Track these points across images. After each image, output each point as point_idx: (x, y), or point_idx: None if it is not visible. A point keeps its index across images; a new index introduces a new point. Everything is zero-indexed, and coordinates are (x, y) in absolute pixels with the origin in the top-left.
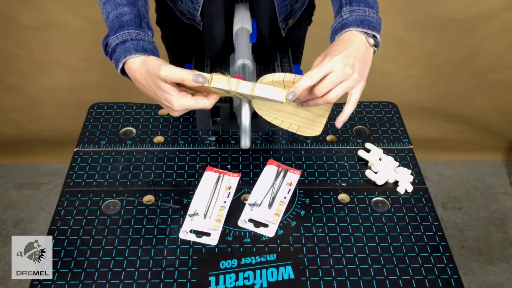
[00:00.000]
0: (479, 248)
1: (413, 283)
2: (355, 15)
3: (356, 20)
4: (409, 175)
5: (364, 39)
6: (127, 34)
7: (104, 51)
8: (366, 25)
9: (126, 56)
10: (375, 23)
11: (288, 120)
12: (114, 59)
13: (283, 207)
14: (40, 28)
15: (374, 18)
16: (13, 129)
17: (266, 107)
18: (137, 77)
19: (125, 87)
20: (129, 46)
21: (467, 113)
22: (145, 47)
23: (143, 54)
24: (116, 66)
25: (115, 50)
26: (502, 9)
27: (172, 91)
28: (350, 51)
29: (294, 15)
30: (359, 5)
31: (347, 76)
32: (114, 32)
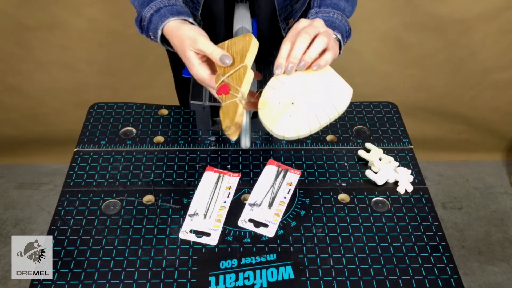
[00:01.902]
0: (479, 248)
1: (413, 283)
2: (319, 16)
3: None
4: (409, 175)
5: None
6: (159, 3)
7: (139, 29)
8: (328, 25)
9: (163, 21)
10: (338, 23)
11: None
12: (152, 30)
13: (283, 207)
14: (40, 28)
15: (338, 19)
16: (13, 129)
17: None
18: (174, 41)
19: (125, 87)
20: (164, 12)
21: (467, 113)
22: (179, 10)
23: (178, 16)
24: (155, 36)
25: (151, 21)
26: (502, 9)
27: (194, 61)
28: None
29: (294, 15)
30: (327, 8)
31: (321, 39)
32: (146, 4)
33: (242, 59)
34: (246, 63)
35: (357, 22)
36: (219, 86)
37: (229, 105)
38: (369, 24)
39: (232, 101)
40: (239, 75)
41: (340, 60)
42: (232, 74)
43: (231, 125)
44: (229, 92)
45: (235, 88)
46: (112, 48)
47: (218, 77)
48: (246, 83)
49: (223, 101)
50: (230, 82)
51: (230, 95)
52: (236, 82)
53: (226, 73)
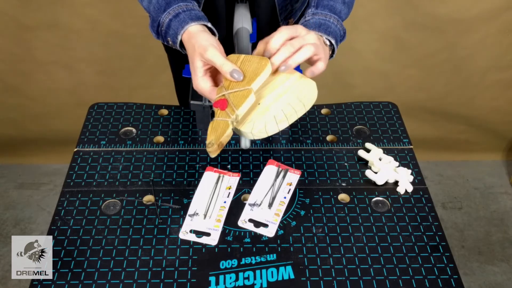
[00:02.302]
0: (479, 248)
1: (413, 283)
2: (316, 18)
3: (315, 23)
4: (409, 175)
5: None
6: (177, 8)
7: (155, 34)
8: (323, 29)
9: (183, 26)
10: (334, 28)
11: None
12: (171, 35)
13: (283, 207)
14: (40, 28)
15: (334, 23)
16: (13, 129)
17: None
18: (188, 47)
19: (125, 87)
20: (183, 17)
21: (467, 113)
22: (198, 15)
23: (198, 21)
24: (174, 41)
25: (169, 26)
26: (502, 9)
27: (199, 71)
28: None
29: (294, 14)
30: (324, 10)
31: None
32: (163, 10)
33: (249, 82)
34: (252, 87)
35: (357, 22)
36: (218, 99)
37: (220, 122)
38: (369, 24)
39: (224, 120)
40: (241, 97)
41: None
42: (235, 93)
43: (214, 143)
44: (225, 110)
45: (232, 109)
46: (112, 48)
47: (221, 89)
48: (244, 107)
49: (216, 115)
50: (230, 100)
51: (225, 112)
52: (236, 101)
53: (231, 88)
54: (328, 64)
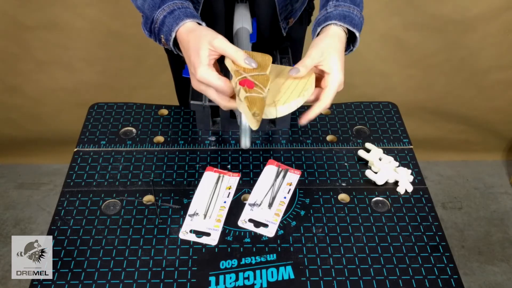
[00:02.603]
0: (479, 248)
1: (413, 283)
2: (339, 10)
3: (340, 15)
4: (409, 175)
5: (344, 37)
6: (172, 5)
7: (148, 32)
8: (348, 21)
9: (178, 23)
10: (357, 21)
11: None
12: (165, 32)
13: (283, 207)
14: (40, 28)
15: (357, 16)
16: (13, 129)
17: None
18: (189, 39)
19: (125, 87)
20: (178, 14)
21: (467, 113)
22: (193, 13)
23: (193, 19)
24: (168, 38)
25: (164, 22)
26: (502, 9)
27: (204, 60)
28: (340, 54)
29: (295, 14)
30: (346, 1)
31: (342, 83)
32: (158, 7)
33: (263, 69)
34: (268, 74)
35: None
36: (242, 79)
37: (256, 98)
38: (369, 24)
39: (259, 96)
40: (263, 80)
41: None
42: (255, 76)
43: (260, 113)
44: (254, 88)
45: (260, 87)
46: (112, 48)
47: (238, 73)
48: (268, 88)
49: (246, 92)
50: (255, 81)
51: (254, 90)
52: (261, 82)
53: (248, 72)
54: None
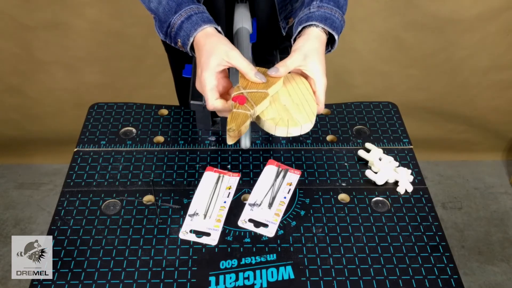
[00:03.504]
0: (479, 248)
1: (413, 283)
2: (321, 11)
3: (321, 16)
4: (409, 175)
5: (325, 39)
6: (189, 10)
7: (163, 35)
8: (329, 24)
9: (196, 29)
10: (338, 24)
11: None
12: (182, 36)
13: (283, 207)
14: (40, 28)
15: (338, 19)
16: (13, 129)
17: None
18: (206, 43)
19: (125, 87)
20: (196, 19)
21: (467, 113)
22: (209, 18)
23: (210, 24)
24: (185, 43)
25: (181, 27)
26: (502, 9)
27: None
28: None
29: (294, 14)
30: (329, 3)
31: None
32: (174, 12)
33: (266, 87)
34: (269, 92)
35: (357, 22)
36: (237, 95)
37: (240, 113)
38: (369, 24)
39: (243, 112)
40: (259, 97)
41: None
42: (253, 93)
43: (235, 129)
44: (244, 104)
45: (251, 104)
46: (112, 48)
47: (238, 88)
48: (261, 106)
49: (234, 108)
50: (248, 98)
51: (243, 106)
52: (254, 100)
53: (249, 89)
54: (328, 64)
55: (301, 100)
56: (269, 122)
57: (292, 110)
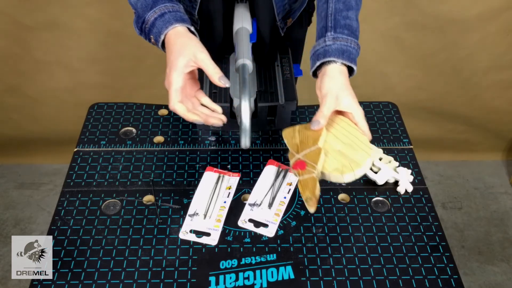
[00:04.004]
0: (479, 248)
1: (413, 283)
2: (338, 44)
3: (338, 50)
4: (409, 175)
5: (346, 71)
6: (163, 8)
7: (139, 31)
8: (346, 57)
9: (167, 27)
10: (355, 54)
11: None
12: (154, 33)
13: (283, 207)
14: (40, 28)
15: (355, 48)
16: (13, 129)
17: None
18: (176, 43)
19: (125, 87)
20: (168, 18)
21: (467, 113)
22: (183, 17)
23: (182, 23)
24: (157, 40)
25: (154, 24)
26: (502, 9)
27: (180, 69)
28: (350, 91)
29: (293, 14)
30: (343, 32)
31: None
32: (150, 8)
33: (315, 142)
34: (319, 145)
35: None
36: (295, 162)
37: (308, 179)
38: (369, 24)
39: (310, 176)
40: (314, 155)
41: None
42: (307, 153)
43: (312, 196)
44: (306, 168)
45: (312, 165)
46: (112, 48)
47: (292, 155)
48: (320, 162)
49: (299, 175)
50: (306, 160)
51: (307, 170)
52: (311, 160)
53: (301, 151)
54: None
55: (351, 139)
56: (334, 174)
57: (348, 153)
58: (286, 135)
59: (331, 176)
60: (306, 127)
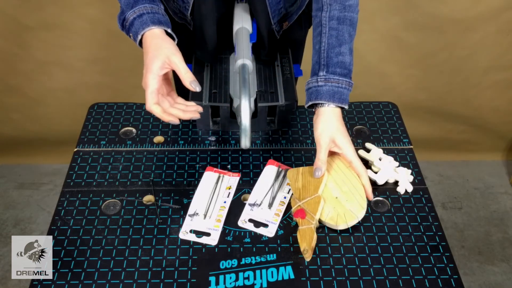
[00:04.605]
0: (479, 248)
1: (413, 283)
2: (329, 86)
3: (329, 93)
4: (409, 175)
5: (339, 111)
6: (142, 8)
7: (120, 26)
8: (337, 99)
9: (144, 28)
10: (345, 94)
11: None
12: (133, 32)
13: (283, 207)
14: (40, 28)
15: (346, 88)
16: (13, 129)
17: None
18: (151, 44)
19: (125, 87)
20: (146, 19)
21: (467, 113)
22: (160, 19)
23: (159, 26)
24: (135, 39)
25: (133, 24)
26: (502, 9)
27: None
28: (344, 131)
29: (290, 18)
30: (335, 71)
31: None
32: (131, 7)
33: (316, 190)
34: (320, 193)
35: (357, 22)
36: (296, 210)
37: (306, 230)
38: (369, 24)
39: (308, 227)
40: (314, 204)
41: None
42: (308, 201)
43: (308, 249)
44: (305, 217)
45: (311, 215)
46: (112, 48)
47: (294, 201)
48: (319, 211)
49: (300, 224)
50: (306, 208)
51: (306, 220)
52: (311, 209)
53: (302, 199)
54: None
55: (348, 187)
56: (329, 222)
57: (344, 202)
58: (290, 177)
59: (325, 224)
60: (309, 171)
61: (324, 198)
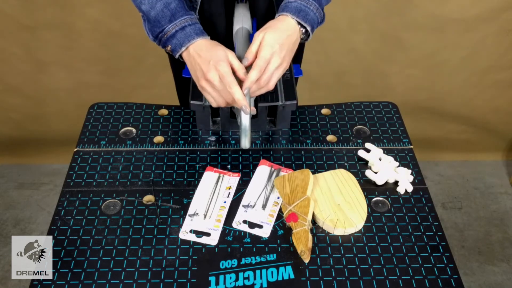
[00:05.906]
0: (479, 248)
1: (413, 283)
2: (297, 3)
3: (295, 8)
4: (409, 175)
5: (298, 29)
6: (183, 21)
7: (153, 37)
8: (302, 16)
9: (190, 40)
10: (312, 16)
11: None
12: (174, 44)
13: (277, 207)
14: (40, 28)
15: (313, 11)
16: (13, 129)
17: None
18: (192, 55)
19: (125, 87)
20: (189, 31)
21: (467, 113)
22: (201, 29)
23: (202, 36)
24: (176, 50)
25: (174, 36)
26: (502, 9)
27: (225, 58)
28: (284, 41)
29: None
30: None
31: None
32: (169, 20)
33: (304, 192)
34: (308, 195)
35: (357, 22)
36: (288, 214)
37: (300, 232)
38: (369, 24)
39: (302, 229)
40: (304, 206)
41: (340, 60)
42: (297, 204)
43: (305, 250)
44: (298, 220)
45: (303, 217)
46: (112, 48)
47: (285, 206)
48: (310, 212)
49: (293, 228)
50: (297, 211)
51: (299, 223)
52: (302, 211)
53: (292, 203)
54: (329, 64)
55: (352, 198)
56: (328, 223)
57: (346, 210)
58: (277, 185)
59: (324, 224)
60: (294, 175)
61: (315, 199)
